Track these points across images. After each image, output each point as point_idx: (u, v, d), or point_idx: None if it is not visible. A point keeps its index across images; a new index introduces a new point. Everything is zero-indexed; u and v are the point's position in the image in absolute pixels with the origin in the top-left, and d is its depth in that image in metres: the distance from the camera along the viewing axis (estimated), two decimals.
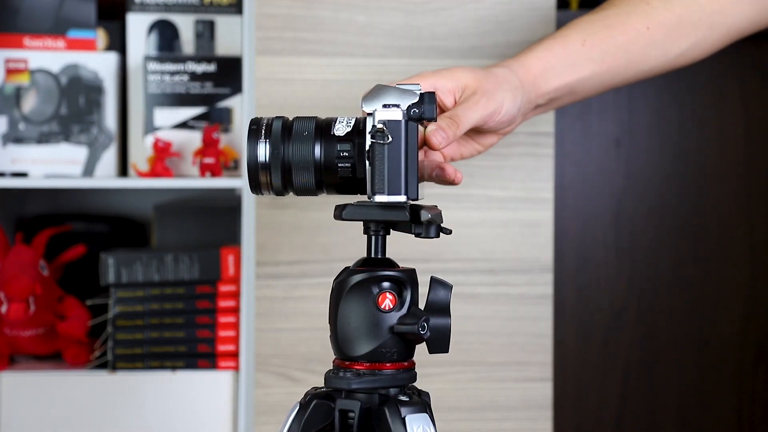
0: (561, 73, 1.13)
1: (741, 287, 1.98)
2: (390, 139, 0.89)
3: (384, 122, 0.89)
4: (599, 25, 1.16)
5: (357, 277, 0.92)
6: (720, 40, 1.19)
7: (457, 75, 1.08)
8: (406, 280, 0.92)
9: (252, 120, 0.95)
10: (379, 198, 0.90)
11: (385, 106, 0.90)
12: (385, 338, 0.92)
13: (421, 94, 0.92)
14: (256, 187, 0.94)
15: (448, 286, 0.93)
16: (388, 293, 0.91)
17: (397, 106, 0.90)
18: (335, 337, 0.94)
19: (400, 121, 0.90)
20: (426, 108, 0.92)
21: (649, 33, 1.16)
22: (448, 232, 0.90)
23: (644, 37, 1.16)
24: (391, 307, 0.92)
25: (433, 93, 0.93)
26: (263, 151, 0.94)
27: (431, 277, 0.93)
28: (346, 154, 0.92)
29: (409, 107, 0.91)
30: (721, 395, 1.99)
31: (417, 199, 0.92)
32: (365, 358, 0.92)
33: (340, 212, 0.92)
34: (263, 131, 0.94)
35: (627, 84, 1.22)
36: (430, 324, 0.92)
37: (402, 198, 0.90)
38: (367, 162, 0.90)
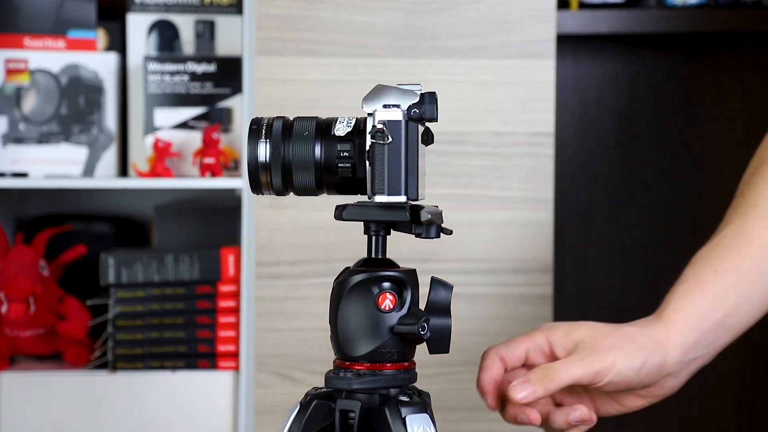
0: (705, 316, 1.03)
1: None
2: (390, 139, 0.89)
3: (384, 122, 0.89)
4: (722, 247, 1.06)
5: (357, 278, 0.92)
6: None
7: (575, 330, 1.02)
8: (406, 281, 0.92)
9: (252, 120, 0.95)
10: (379, 198, 0.90)
11: (385, 106, 0.90)
12: (385, 338, 0.91)
13: (421, 94, 0.92)
14: (256, 186, 0.94)
15: (448, 287, 0.93)
16: (388, 293, 0.91)
17: (398, 106, 0.90)
18: (335, 338, 0.94)
19: (400, 121, 0.90)
20: (426, 108, 0.92)
21: None
22: (449, 232, 0.90)
23: None
24: (391, 307, 0.92)
25: (434, 93, 0.93)
26: (263, 151, 0.93)
27: (432, 278, 0.93)
28: (346, 154, 0.92)
29: (410, 107, 0.91)
30: (721, 395, 1.99)
31: (417, 199, 0.92)
32: (365, 359, 0.92)
33: (341, 212, 0.92)
34: (264, 131, 0.94)
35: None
36: (430, 324, 0.92)
37: (402, 198, 0.90)
38: (367, 162, 0.90)
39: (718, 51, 1.94)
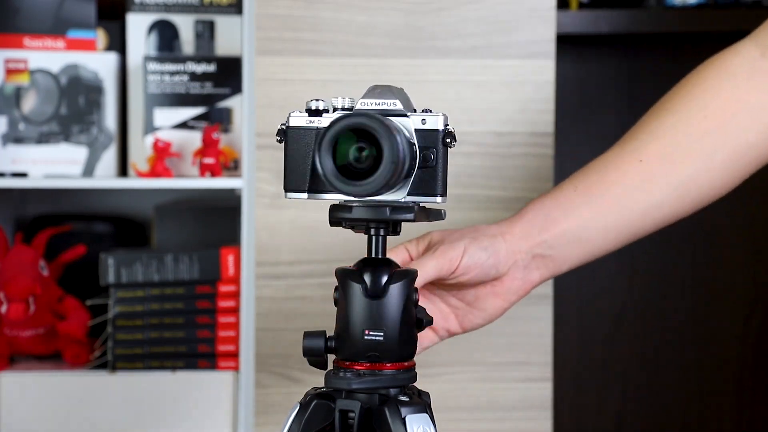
0: (553, 221, 1.09)
1: (741, 287, 1.98)
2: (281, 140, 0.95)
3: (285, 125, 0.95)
4: (591, 171, 1.13)
5: (341, 273, 0.94)
6: (734, 157, 1.12)
7: (427, 235, 1.08)
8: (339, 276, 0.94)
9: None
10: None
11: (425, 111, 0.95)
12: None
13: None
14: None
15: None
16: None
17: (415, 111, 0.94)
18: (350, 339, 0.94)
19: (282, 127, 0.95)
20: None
21: (642, 165, 1.11)
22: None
23: (638, 170, 1.11)
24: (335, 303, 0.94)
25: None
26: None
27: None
28: None
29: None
30: (721, 395, 1.99)
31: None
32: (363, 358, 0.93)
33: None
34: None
35: (649, 230, 1.14)
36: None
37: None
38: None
39: (718, 51, 1.94)
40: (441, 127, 0.94)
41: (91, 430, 1.57)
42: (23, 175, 1.65)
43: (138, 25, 1.70)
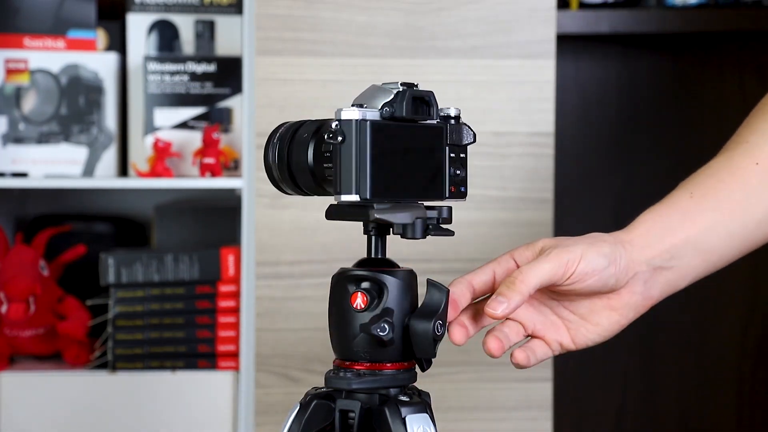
0: (673, 229, 1.03)
1: (741, 287, 1.98)
2: (341, 138, 0.90)
3: (338, 122, 0.90)
4: (703, 176, 1.07)
5: (336, 276, 0.93)
6: None
7: (537, 242, 1.00)
8: (383, 282, 0.92)
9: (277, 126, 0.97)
10: (338, 198, 0.90)
11: (354, 105, 0.91)
12: (357, 337, 0.92)
13: (397, 92, 0.93)
14: (275, 185, 0.96)
15: (443, 290, 0.93)
16: (360, 293, 0.92)
17: (361, 105, 0.91)
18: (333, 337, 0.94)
19: (350, 120, 0.90)
20: (397, 106, 0.92)
21: (759, 167, 1.06)
22: (448, 233, 0.90)
23: (755, 173, 1.05)
24: (363, 306, 0.92)
25: (410, 90, 0.93)
26: (271, 154, 0.95)
27: (427, 280, 0.93)
28: (328, 154, 0.93)
29: (383, 106, 0.92)
30: (721, 395, 1.99)
31: (370, 198, 0.91)
32: (338, 356, 0.93)
33: (327, 212, 0.93)
34: (275, 134, 0.96)
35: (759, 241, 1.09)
36: (411, 327, 0.91)
37: (354, 197, 0.90)
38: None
39: (718, 51, 1.94)
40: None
41: (91, 430, 1.57)
42: (23, 175, 1.65)
43: (138, 25, 1.70)
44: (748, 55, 1.95)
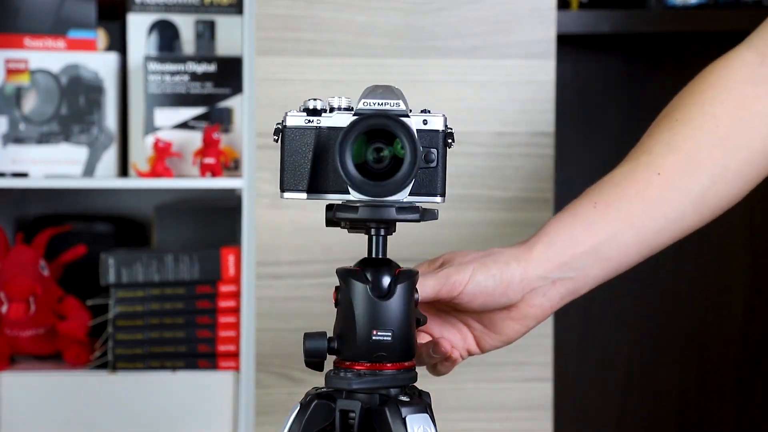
0: (576, 241, 1.06)
1: (741, 287, 1.98)
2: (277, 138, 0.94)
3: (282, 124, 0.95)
4: (607, 185, 1.10)
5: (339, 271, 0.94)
6: (746, 164, 1.11)
7: (442, 256, 1.06)
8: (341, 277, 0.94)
9: None
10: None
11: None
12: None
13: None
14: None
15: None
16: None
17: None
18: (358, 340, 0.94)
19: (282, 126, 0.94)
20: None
21: (661, 178, 1.09)
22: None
23: (656, 184, 1.09)
24: (335, 304, 0.94)
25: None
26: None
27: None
28: None
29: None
30: (721, 395, 1.99)
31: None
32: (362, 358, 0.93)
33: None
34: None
35: (668, 243, 1.13)
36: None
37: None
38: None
39: (718, 51, 1.94)
40: (441, 127, 0.94)
41: (91, 430, 1.57)
42: (23, 175, 1.65)
43: (138, 25, 1.70)
44: None
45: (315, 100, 0.95)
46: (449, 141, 0.94)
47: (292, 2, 1.45)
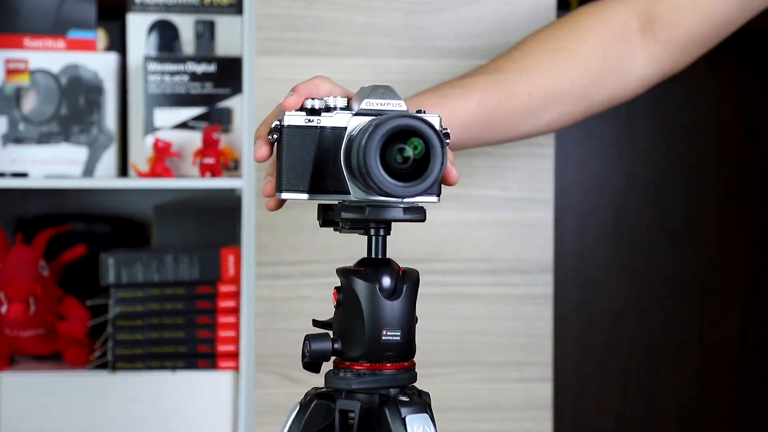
0: (453, 131, 1.11)
1: (741, 287, 1.98)
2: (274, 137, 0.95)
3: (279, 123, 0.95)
4: (493, 87, 1.20)
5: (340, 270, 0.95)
6: (582, 113, 1.26)
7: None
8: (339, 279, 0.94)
9: None
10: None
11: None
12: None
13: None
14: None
15: None
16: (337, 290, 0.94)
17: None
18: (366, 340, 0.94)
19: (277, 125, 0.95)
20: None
21: (530, 99, 1.21)
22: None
23: (526, 103, 1.21)
24: (335, 304, 0.94)
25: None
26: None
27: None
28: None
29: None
30: (721, 395, 1.99)
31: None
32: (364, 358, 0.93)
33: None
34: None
35: (490, 144, 1.28)
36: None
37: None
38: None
39: (718, 51, 1.94)
40: (438, 127, 0.94)
41: (91, 430, 1.57)
42: (23, 175, 1.65)
43: (138, 25, 1.70)
44: (748, 55, 1.95)
45: (313, 99, 0.95)
46: (445, 141, 0.94)
47: (292, 2, 1.45)
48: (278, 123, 0.95)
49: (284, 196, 0.95)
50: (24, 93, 1.66)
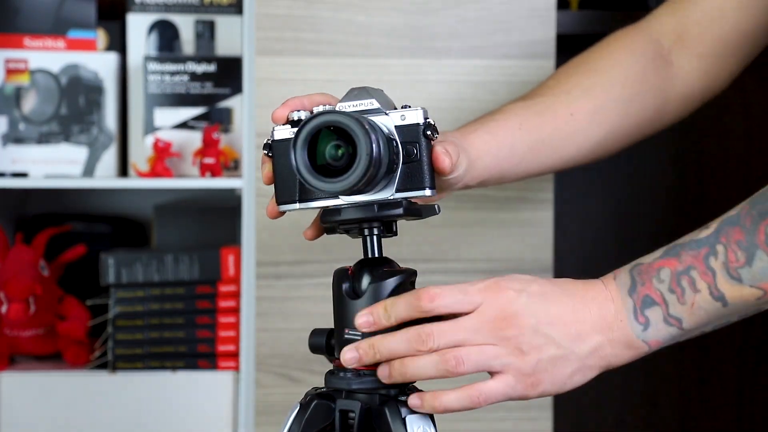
0: (500, 157, 1.14)
1: None
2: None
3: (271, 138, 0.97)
4: (532, 111, 1.19)
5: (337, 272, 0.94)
6: (633, 132, 1.26)
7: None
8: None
9: None
10: None
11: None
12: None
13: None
14: None
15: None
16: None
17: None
18: (335, 337, 0.94)
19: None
20: None
21: (573, 119, 1.20)
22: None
23: (569, 124, 1.20)
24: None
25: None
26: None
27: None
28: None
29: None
30: (721, 395, 1.99)
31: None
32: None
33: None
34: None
35: (546, 173, 1.26)
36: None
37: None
38: None
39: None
40: (421, 120, 0.94)
41: (91, 430, 1.57)
42: (23, 175, 1.65)
43: (138, 25, 1.70)
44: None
45: (299, 111, 0.96)
46: (430, 133, 0.94)
47: (292, 2, 1.45)
48: (268, 139, 0.95)
49: (281, 208, 0.96)
50: (24, 93, 1.65)
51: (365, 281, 0.93)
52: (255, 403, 1.48)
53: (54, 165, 1.66)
